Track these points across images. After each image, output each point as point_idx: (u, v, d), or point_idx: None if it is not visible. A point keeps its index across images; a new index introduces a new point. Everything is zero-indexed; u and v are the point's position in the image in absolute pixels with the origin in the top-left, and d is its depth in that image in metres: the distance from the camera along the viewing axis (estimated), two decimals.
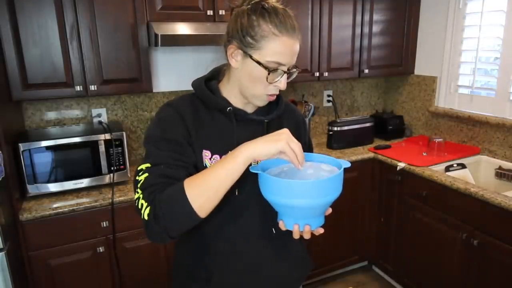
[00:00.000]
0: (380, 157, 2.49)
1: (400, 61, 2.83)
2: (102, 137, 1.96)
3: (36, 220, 1.77)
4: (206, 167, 0.97)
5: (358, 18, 2.58)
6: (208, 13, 2.08)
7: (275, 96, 1.00)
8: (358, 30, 2.60)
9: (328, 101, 3.00)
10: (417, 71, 2.91)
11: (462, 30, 2.55)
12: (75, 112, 2.27)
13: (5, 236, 1.53)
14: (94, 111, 2.30)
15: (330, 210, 0.96)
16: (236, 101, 1.02)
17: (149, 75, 2.08)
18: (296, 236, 0.92)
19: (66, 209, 1.81)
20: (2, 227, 1.51)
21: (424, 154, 2.46)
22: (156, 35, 1.91)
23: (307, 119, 2.74)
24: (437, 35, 2.70)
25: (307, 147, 1.17)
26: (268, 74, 0.92)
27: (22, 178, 1.83)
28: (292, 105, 1.19)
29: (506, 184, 2.25)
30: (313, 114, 2.79)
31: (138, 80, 2.06)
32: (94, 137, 1.95)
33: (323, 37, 2.49)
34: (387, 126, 2.86)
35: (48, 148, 1.86)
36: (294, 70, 0.98)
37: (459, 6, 2.54)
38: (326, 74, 2.55)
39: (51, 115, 2.22)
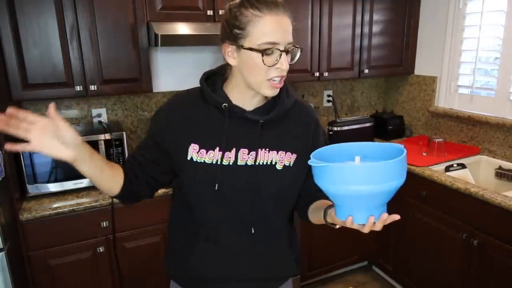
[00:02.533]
0: None
1: (400, 61, 2.83)
2: (102, 137, 1.96)
3: (36, 220, 1.77)
4: (191, 160, 0.99)
5: (358, 18, 2.58)
6: (208, 13, 2.08)
7: (280, 83, 0.96)
8: (358, 30, 2.60)
9: (328, 101, 3.00)
10: (417, 71, 2.91)
11: (462, 30, 2.55)
12: (75, 112, 2.27)
13: (5, 236, 1.53)
14: (94, 111, 2.30)
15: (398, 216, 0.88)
16: (239, 98, 1.01)
17: (149, 75, 2.08)
18: (375, 228, 0.86)
19: (66, 209, 1.81)
20: (2, 227, 1.51)
21: (424, 154, 2.46)
22: (156, 35, 1.91)
23: None
24: (437, 35, 2.70)
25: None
26: (263, 56, 0.91)
27: (22, 178, 1.84)
28: (306, 107, 1.12)
29: (506, 184, 2.25)
30: None
31: (138, 80, 2.06)
32: (94, 137, 1.95)
33: (323, 37, 2.49)
34: (387, 126, 2.86)
35: None
36: (293, 48, 0.94)
37: (459, 6, 2.54)
38: (326, 74, 2.55)
39: None
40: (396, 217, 0.87)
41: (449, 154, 2.42)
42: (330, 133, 2.67)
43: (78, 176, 1.94)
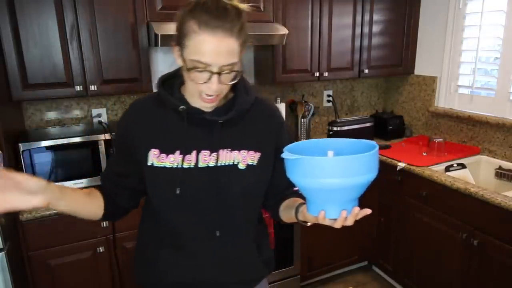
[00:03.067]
0: (380, 157, 2.49)
1: (400, 61, 2.83)
2: (102, 137, 1.96)
3: (36, 220, 1.77)
4: (151, 166, 0.98)
5: (358, 18, 2.58)
6: None
7: (213, 99, 0.93)
8: (358, 30, 2.60)
9: (328, 101, 3.00)
10: (417, 71, 2.91)
11: (462, 30, 2.55)
12: (75, 112, 2.27)
13: (5, 236, 1.53)
14: (94, 111, 2.30)
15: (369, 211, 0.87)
16: (197, 100, 0.97)
17: (149, 75, 2.08)
18: (347, 222, 0.85)
19: None
20: (2, 227, 1.51)
21: (424, 154, 2.46)
22: (156, 35, 1.91)
23: (307, 119, 2.75)
24: (437, 35, 2.70)
25: (277, 152, 1.05)
26: (190, 72, 0.89)
27: None
28: (268, 104, 1.11)
29: (506, 184, 2.25)
30: (313, 114, 2.79)
31: (138, 80, 2.06)
32: (94, 137, 1.95)
33: (323, 37, 2.49)
34: (387, 126, 2.86)
35: (48, 148, 1.86)
36: (228, 72, 0.89)
37: (459, 6, 2.54)
38: (326, 74, 2.55)
39: (51, 115, 2.22)
40: (368, 211, 0.86)
41: (449, 154, 2.42)
42: (330, 133, 2.67)
43: (78, 176, 1.94)
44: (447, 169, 2.25)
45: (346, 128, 2.67)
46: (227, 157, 0.99)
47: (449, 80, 2.69)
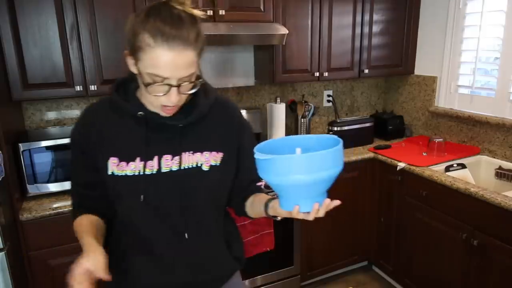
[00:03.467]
0: (380, 157, 2.49)
1: (400, 61, 2.83)
2: None
3: (36, 220, 1.77)
4: (112, 175, 0.96)
5: (358, 18, 2.58)
6: (208, 13, 2.09)
7: (173, 109, 0.93)
8: (358, 30, 2.60)
9: (328, 101, 3.00)
10: (417, 71, 2.91)
11: (462, 30, 2.55)
12: (75, 112, 2.27)
13: (5, 236, 1.53)
14: None
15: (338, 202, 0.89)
16: (152, 105, 0.96)
17: None
18: (319, 214, 0.87)
19: (66, 209, 1.80)
20: (2, 227, 1.51)
21: (424, 154, 2.46)
22: None
23: (307, 119, 2.75)
24: (437, 35, 2.70)
25: (245, 151, 1.07)
26: (147, 87, 0.86)
27: (22, 178, 1.84)
28: (227, 103, 1.10)
29: (506, 184, 2.25)
30: (313, 114, 2.79)
31: None
32: None
33: (323, 37, 2.49)
34: (387, 126, 2.86)
35: (48, 148, 1.86)
36: (187, 82, 0.88)
37: (459, 6, 2.54)
38: (326, 74, 2.55)
39: (51, 115, 2.22)
40: (337, 202, 0.88)
41: (449, 154, 2.42)
42: (330, 133, 2.67)
43: None
44: (447, 169, 2.25)
45: (346, 128, 2.67)
46: (190, 159, 0.98)
47: (449, 80, 2.69)
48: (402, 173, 2.35)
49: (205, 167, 1.00)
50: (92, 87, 1.96)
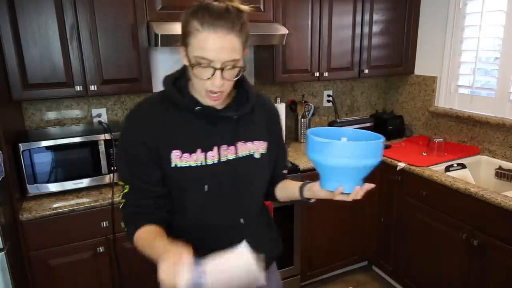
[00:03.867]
0: None
1: (400, 61, 2.83)
2: (102, 137, 1.96)
3: (36, 220, 1.77)
4: (175, 167, 1.00)
5: (358, 18, 2.58)
6: None
7: (218, 97, 0.98)
8: (358, 30, 2.60)
9: (328, 101, 3.00)
10: (417, 71, 2.91)
11: (462, 30, 2.55)
12: (75, 112, 2.27)
13: (5, 236, 1.53)
14: (94, 111, 2.30)
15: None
16: (205, 99, 1.02)
17: (149, 75, 2.08)
18: (357, 196, 0.98)
19: (66, 209, 1.81)
20: (2, 227, 1.51)
21: (424, 154, 2.46)
22: (156, 35, 1.91)
23: (307, 119, 2.75)
24: (437, 35, 2.70)
25: (277, 140, 1.19)
26: (194, 69, 0.93)
27: (22, 178, 1.83)
28: (265, 97, 1.21)
29: (506, 184, 2.25)
30: (313, 114, 2.79)
31: (138, 80, 2.06)
32: (94, 137, 1.95)
33: (323, 37, 2.49)
34: (387, 126, 2.86)
35: (48, 148, 1.86)
36: (231, 68, 0.94)
37: (459, 6, 2.54)
38: (326, 74, 2.55)
39: (51, 115, 2.22)
40: (372, 185, 1.00)
41: (449, 154, 2.42)
42: None
43: (78, 176, 1.94)
44: (447, 169, 2.25)
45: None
46: (244, 148, 1.07)
47: (449, 80, 2.69)
48: (402, 173, 2.35)
49: (256, 155, 1.09)
50: (92, 87, 1.96)
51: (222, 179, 1.04)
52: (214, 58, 0.91)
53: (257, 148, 1.09)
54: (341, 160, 0.93)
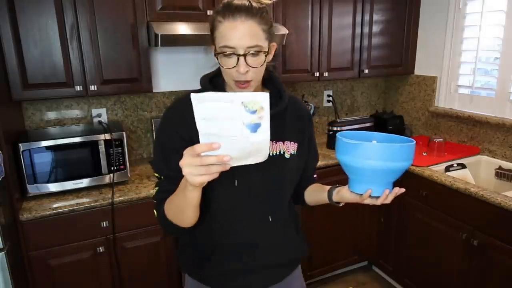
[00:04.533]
0: None
1: (400, 61, 2.83)
2: (102, 137, 1.96)
3: (36, 220, 1.77)
4: None
5: (358, 18, 2.58)
6: (208, 13, 2.08)
7: (246, 85, 0.99)
8: (358, 30, 2.60)
9: (328, 101, 3.00)
10: (417, 71, 2.91)
11: (462, 30, 2.55)
12: (75, 112, 2.27)
13: (5, 236, 1.53)
14: (94, 111, 2.30)
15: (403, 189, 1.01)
16: None
17: (149, 75, 2.08)
18: (386, 200, 0.99)
19: (66, 209, 1.81)
20: (2, 227, 1.51)
21: (424, 154, 2.47)
22: (156, 35, 1.91)
23: None
24: (437, 35, 2.70)
25: (309, 143, 1.20)
26: (220, 58, 0.97)
27: (22, 178, 1.83)
28: (298, 99, 1.22)
29: (506, 184, 2.25)
30: (313, 114, 2.79)
31: (138, 80, 2.06)
32: (94, 137, 1.95)
33: (323, 37, 2.49)
34: (387, 126, 2.86)
35: (48, 148, 1.86)
36: (254, 54, 0.96)
37: (459, 6, 2.54)
38: (326, 74, 2.55)
39: (51, 115, 2.22)
40: (403, 190, 1.01)
41: (449, 154, 2.42)
42: (330, 133, 2.67)
43: (78, 176, 1.94)
44: (447, 169, 2.25)
45: (346, 128, 2.67)
46: (275, 147, 1.08)
47: (449, 80, 2.69)
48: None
49: (287, 155, 1.10)
50: (92, 87, 1.96)
51: (252, 175, 1.04)
52: (236, 44, 0.93)
53: (287, 148, 1.10)
54: (370, 162, 0.93)
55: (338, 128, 2.65)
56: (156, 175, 1.07)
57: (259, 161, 0.84)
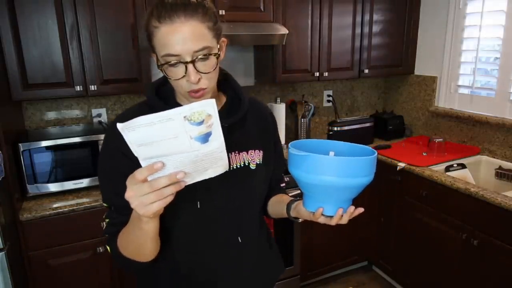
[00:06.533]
0: (380, 157, 2.49)
1: (400, 61, 2.83)
2: (102, 137, 1.96)
3: (36, 220, 1.77)
4: None
5: (358, 18, 2.58)
6: None
7: (201, 94, 0.86)
8: (358, 30, 2.60)
9: (328, 101, 3.00)
10: (417, 71, 2.91)
11: (462, 30, 2.55)
12: (75, 112, 2.27)
13: (5, 236, 1.53)
14: (94, 111, 2.30)
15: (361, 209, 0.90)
16: None
17: (149, 75, 2.08)
18: (342, 221, 0.87)
19: (66, 209, 1.81)
20: (2, 227, 1.51)
21: (424, 154, 2.46)
22: None
23: (307, 119, 2.75)
24: (437, 35, 2.70)
25: (276, 149, 1.10)
26: (165, 70, 0.83)
27: (22, 178, 1.84)
28: (260, 103, 1.11)
29: (506, 184, 2.25)
30: (313, 114, 2.79)
31: (138, 80, 2.06)
32: (94, 137, 1.95)
33: (323, 37, 2.49)
34: (387, 126, 2.86)
35: (48, 148, 1.86)
36: (204, 58, 0.82)
37: (459, 6, 2.54)
38: (326, 74, 2.55)
39: (51, 115, 2.22)
40: (361, 210, 0.88)
41: (449, 154, 2.42)
42: (330, 133, 2.67)
43: (78, 176, 1.94)
44: (447, 169, 2.25)
45: (346, 128, 2.67)
46: (238, 159, 0.97)
47: (449, 80, 2.69)
48: (402, 173, 2.35)
49: (252, 166, 0.99)
50: (92, 87, 1.96)
51: (216, 194, 0.93)
52: (180, 51, 0.80)
53: (252, 158, 0.99)
54: (321, 177, 0.80)
55: (338, 128, 2.66)
56: (105, 204, 0.93)
57: (221, 171, 0.75)
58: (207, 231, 0.96)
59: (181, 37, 0.79)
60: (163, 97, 0.94)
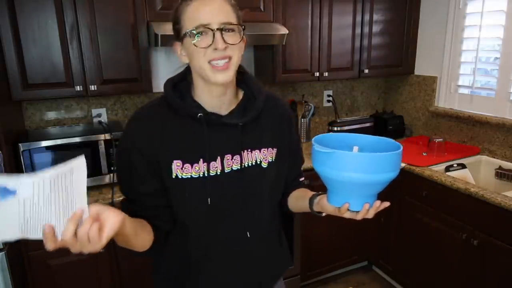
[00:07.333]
0: None
1: (400, 61, 2.83)
2: (102, 137, 1.96)
3: None
4: (176, 178, 0.93)
5: (358, 18, 2.58)
6: None
7: (225, 66, 0.89)
8: (358, 30, 2.60)
9: (328, 101, 3.00)
10: (417, 71, 2.91)
11: (462, 30, 2.55)
12: (75, 112, 2.27)
13: None
14: (94, 111, 2.30)
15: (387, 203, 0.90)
16: (209, 101, 0.96)
17: (149, 75, 2.08)
18: (368, 215, 0.88)
19: None
20: None
21: (424, 154, 2.46)
22: (156, 35, 1.91)
23: (307, 119, 2.75)
24: (437, 35, 2.70)
25: (292, 146, 1.11)
26: (194, 39, 0.87)
27: None
28: (277, 99, 1.11)
29: (506, 184, 2.25)
30: (313, 114, 2.79)
31: (138, 80, 2.06)
32: (94, 137, 1.95)
33: (323, 37, 2.49)
34: (387, 126, 2.86)
35: (48, 148, 1.86)
36: (230, 31, 0.88)
37: (459, 6, 2.54)
38: (326, 74, 2.55)
39: (51, 115, 2.22)
40: (387, 204, 0.89)
41: (449, 154, 2.42)
42: (330, 133, 2.67)
43: None
44: (447, 169, 2.25)
45: (346, 128, 2.67)
46: (250, 157, 0.99)
47: (449, 80, 2.69)
48: (402, 173, 2.34)
49: (264, 164, 1.01)
50: (92, 87, 1.96)
51: (226, 191, 0.96)
52: (209, 20, 0.86)
53: (265, 156, 1.01)
54: (347, 174, 0.80)
55: (338, 128, 2.66)
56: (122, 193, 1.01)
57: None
58: (217, 225, 1.00)
59: (212, 7, 0.87)
60: (180, 93, 0.98)
